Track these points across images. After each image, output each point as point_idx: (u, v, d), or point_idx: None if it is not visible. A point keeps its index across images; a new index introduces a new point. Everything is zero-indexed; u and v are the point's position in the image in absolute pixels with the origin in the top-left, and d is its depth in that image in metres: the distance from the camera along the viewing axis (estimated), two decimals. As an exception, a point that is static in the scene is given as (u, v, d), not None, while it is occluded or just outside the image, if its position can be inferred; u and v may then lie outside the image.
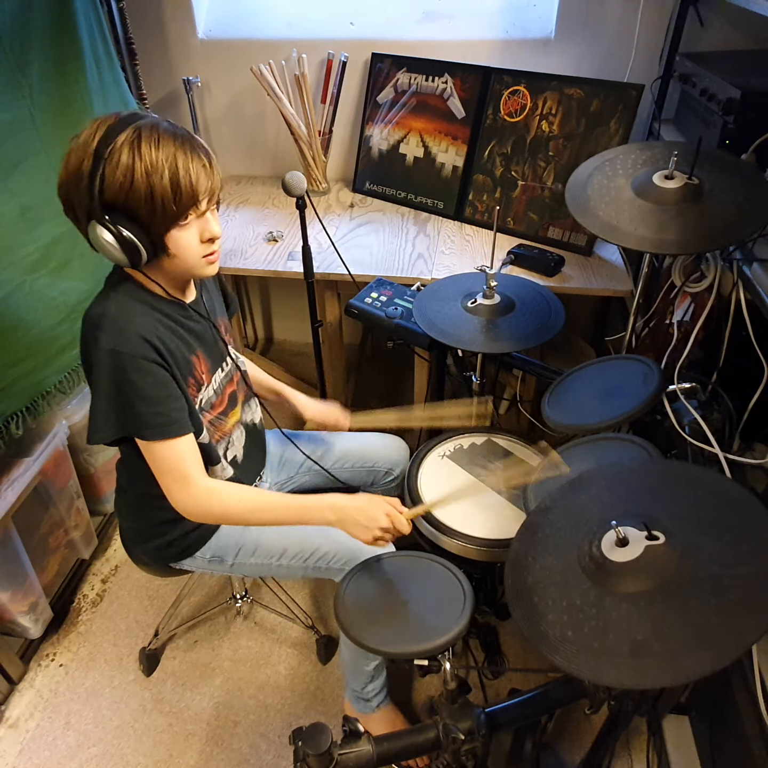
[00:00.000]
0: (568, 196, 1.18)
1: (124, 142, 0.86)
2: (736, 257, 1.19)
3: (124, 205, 0.88)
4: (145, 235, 0.91)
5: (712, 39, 1.71)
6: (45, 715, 1.50)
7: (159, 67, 2.03)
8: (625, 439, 1.08)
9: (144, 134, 0.87)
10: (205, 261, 0.99)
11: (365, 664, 1.32)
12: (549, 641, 0.71)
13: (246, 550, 1.22)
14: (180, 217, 0.91)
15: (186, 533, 1.19)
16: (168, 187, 0.87)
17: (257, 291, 2.56)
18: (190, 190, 0.89)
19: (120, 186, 0.86)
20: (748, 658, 0.97)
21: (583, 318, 2.18)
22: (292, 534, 1.23)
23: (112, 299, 0.97)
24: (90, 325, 0.96)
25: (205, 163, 0.91)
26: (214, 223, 0.96)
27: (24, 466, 1.41)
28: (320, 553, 1.21)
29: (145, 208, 0.88)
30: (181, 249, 0.95)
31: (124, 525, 1.25)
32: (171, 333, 1.02)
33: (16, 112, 1.32)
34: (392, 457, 1.45)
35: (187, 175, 0.88)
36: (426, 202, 1.97)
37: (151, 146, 0.86)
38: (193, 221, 0.94)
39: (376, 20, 1.97)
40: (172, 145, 0.88)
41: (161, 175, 0.86)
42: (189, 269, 0.99)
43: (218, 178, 0.95)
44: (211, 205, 0.96)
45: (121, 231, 0.89)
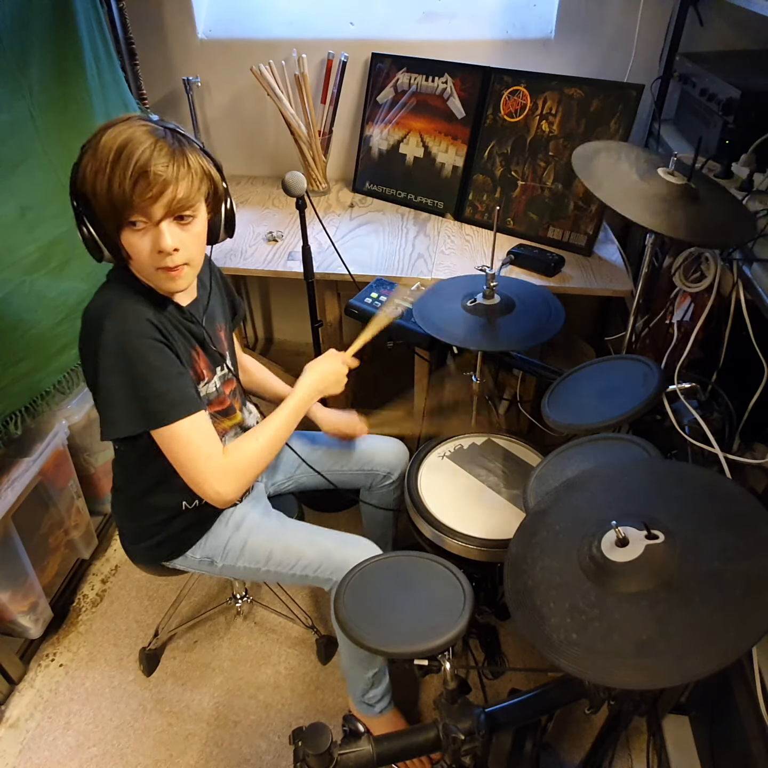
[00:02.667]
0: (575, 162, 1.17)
1: (99, 139, 0.88)
2: (736, 257, 1.19)
3: (85, 200, 0.90)
4: (101, 232, 0.92)
5: (712, 39, 1.71)
6: (45, 715, 1.50)
7: (159, 67, 2.03)
8: (625, 439, 1.08)
9: (111, 134, 0.87)
10: (162, 273, 0.95)
11: (363, 671, 1.32)
12: (553, 645, 0.71)
13: (233, 553, 1.22)
14: (120, 220, 0.90)
15: (176, 533, 1.19)
16: (104, 191, 0.87)
17: (257, 291, 2.56)
18: (121, 200, 0.87)
19: (81, 180, 0.89)
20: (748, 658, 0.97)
21: (583, 318, 2.18)
22: (279, 540, 1.23)
23: (113, 290, 0.98)
24: (93, 315, 0.96)
25: (161, 168, 0.87)
26: (165, 236, 0.91)
27: (24, 466, 1.41)
28: (305, 561, 1.20)
29: (95, 205, 0.89)
30: (135, 254, 0.94)
31: (121, 524, 1.26)
32: (171, 325, 1.02)
33: (16, 112, 1.32)
34: (391, 460, 1.45)
35: (124, 180, 0.86)
36: (426, 202, 1.97)
37: (105, 147, 0.87)
38: (149, 228, 0.91)
39: (376, 20, 1.97)
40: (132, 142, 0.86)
41: (103, 177, 0.87)
42: (147, 277, 0.98)
43: (185, 191, 0.90)
44: (168, 214, 0.90)
45: (85, 224, 0.92)
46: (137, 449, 1.07)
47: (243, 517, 1.25)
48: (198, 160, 0.93)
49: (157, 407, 0.95)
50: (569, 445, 1.15)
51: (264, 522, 1.26)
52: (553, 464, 1.13)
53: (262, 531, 1.24)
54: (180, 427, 0.97)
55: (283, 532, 1.25)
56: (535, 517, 0.87)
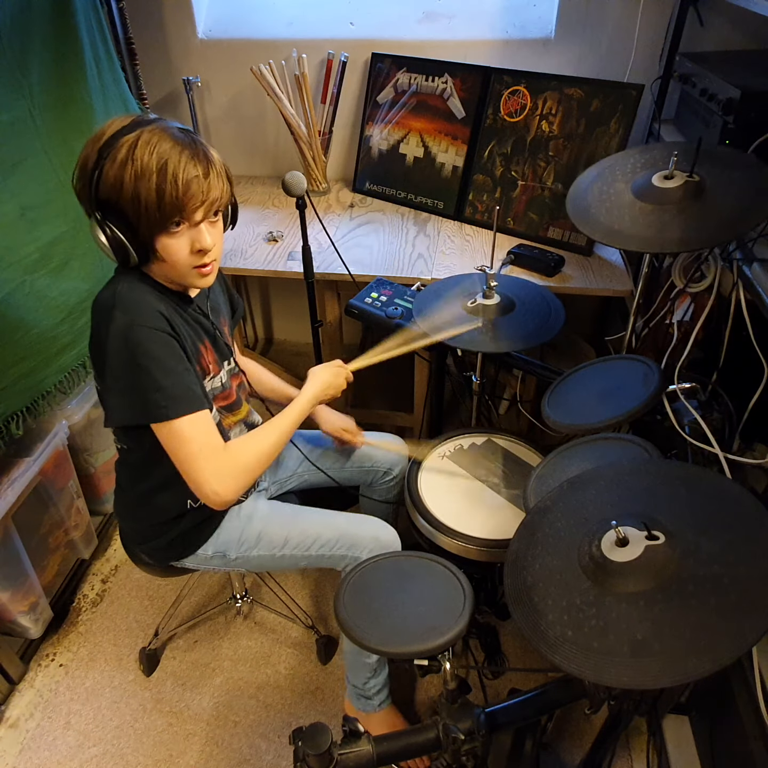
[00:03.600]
0: (569, 207, 1.18)
1: (124, 144, 0.87)
2: (736, 257, 1.19)
3: (115, 205, 0.90)
4: (133, 237, 0.92)
5: (712, 39, 1.71)
6: (45, 715, 1.50)
7: (159, 67, 2.03)
8: (625, 439, 1.08)
9: (143, 138, 0.88)
10: (196, 272, 0.98)
11: (367, 656, 1.32)
12: (549, 641, 0.71)
13: (248, 543, 1.22)
14: (166, 224, 0.91)
15: (186, 531, 1.19)
16: (153, 194, 0.88)
17: (257, 291, 2.56)
18: (175, 200, 0.89)
19: (111, 186, 0.88)
20: (748, 658, 0.97)
21: (583, 318, 2.18)
22: (294, 525, 1.24)
23: (122, 282, 0.97)
24: (102, 306, 0.96)
25: (200, 174, 0.90)
26: (206, 235, 0.95)
27: (24, 466, 1.41)
28: (322, 540, 1.21)
29: (131, 211, 0.89)
30: (170, 256, 0.95)
31: (124, 525, 1.25)
32: (180, 318, 1.02)
33: (16, 112, 1.32)
34: (392, 457, 1.45)
35: (175, 183, 0.88)
36: (426, 202, 1.97)
37: (145, 151, 0.87)
38: (186, 230, 0.94)
39: (376, 20, 1.97)
40: (168, 151, 0.88)
41: (148, 181, 0.87)
42: (179, 277, 0.99)
43: (218, 190, 0.94)
44: (208, 216, 0.94)
45: (112, 230, 0.90)
46: (143, 448, 1.07)
47: (254, 509, 1.26)
48: (219, 160, 0.96)
49: (159, 401, 0.95)
50: (569, 445, 1.15)
51: (276, 510, 1.28)
52: (553, 464, 1.13)
53: (275, 518, 1.25)
54: (181, 423, 0.96)
55: (297, 516, 1.27)
56: (537, 515, 0.87)
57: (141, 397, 0.95)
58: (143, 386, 0.94)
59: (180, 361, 0.98)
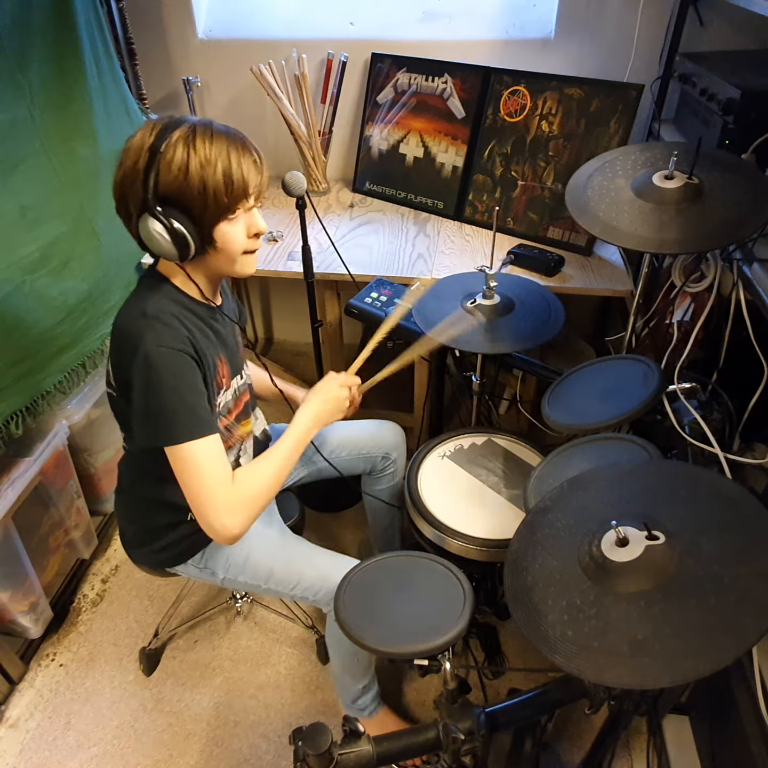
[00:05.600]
0: (568, 198, 1.19)
1: (179, 138, 0.89)
2: (736, 257, 1.19)
3: (177, 198, 0.91)
4: (194, 228, 0.93)
5: (712, 39, 1.71)
6: (45, 715, 1.50)
7: (159, 67, 2.02)
8: (625, 439, 1.08)
9: (198, 130, 0.91)
10: (246, 257, 1.01)
11: (353, 684, 1.33)
12: (549, 641, 0.71)
13: (235, 567, 1.21)
14: (230, 210, 0.94)
15: (180, 539, 1.18)
16: (221, 180, 0.90)
17: (257, 291, 2.56)
18: (242, 183, 0.92)
19: (175, 179, 0.89)
20: (748, 658, 0.97)
21: (583, 318, 2.18)
22: (280, 557, 1.23)
23: (148, 300, 0.97)
24: (130, 325, 0.95)
25: (256, 159, 0.95)
26: (260, 219, 1.00)
27: (24, 466, 1.41)
28: (305, 584, 1.20)
29: (198, 200, 0.91)
30: (228, 243, 0.97)
31: (123, 526, 1.25)
32: (202, 335, 1.02)
33: (16, 112, 1.32)
34: (388, 441, 1.47)
35: (239, 168, 0.91)
36: (426, 202, 1.97)
37: (205, 141, 0.90)
38: (241, 216, 0.97)
39: (376, 20, 1.97)
40: (225, 140, 0.92)
41: (215, 168, 0.90)
42: (230, 266, 1.01)
43: (266, 176, 0.98)
44: (258, 201, 0.99)
45: (173, 223, 0.91)
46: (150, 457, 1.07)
47: None
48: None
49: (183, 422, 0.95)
50: (569, 445, 1.15)
51: (266, 534, 1.26)
52: (553, 464, 1.13)
53: (263, 544, 1.23)
54: (196, 446, 0.95)
55: (284, 547, 1.25)
56: (537, 515, 0.87)
57: (165, 419, 0.94)
58: (170, 407, 0.94)
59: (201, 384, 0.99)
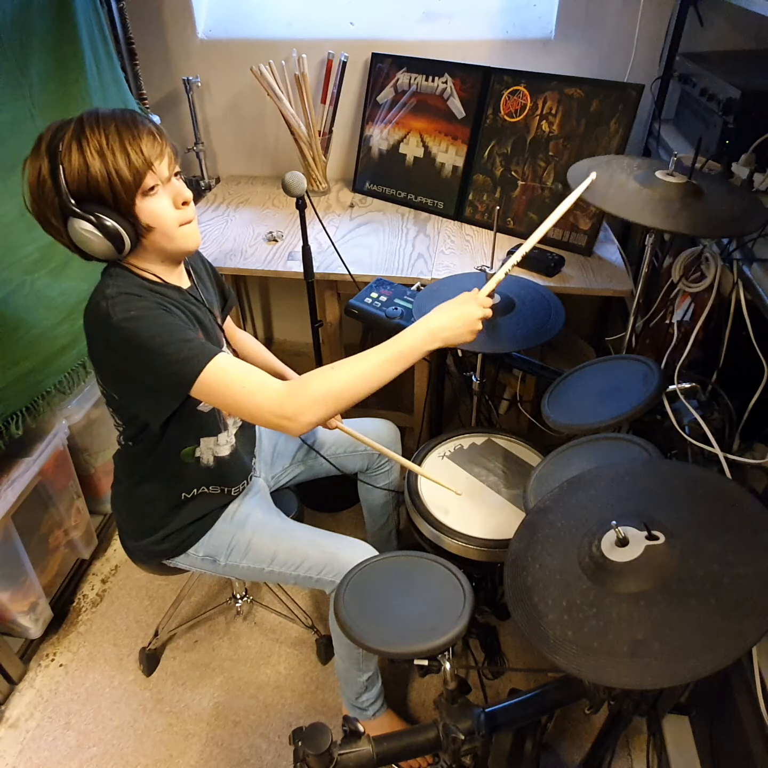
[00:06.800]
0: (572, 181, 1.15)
1: (71, 135, 0.89)
2: (736, 257, 1.19)
3: (88, 192, 0.90)
4: (117, 215, 0.92)
5: (712, 39, 1.71)
6: (45, 715, 1.50)
7: (159, 67, 2.03)
8: (625, 439, 1.08)
9: (85, 120, 0.90)
10: (186, 229, 0.99)
11: (358, 675, 1.32)
12: (549, 641, 0.71)
13: (237, 552, 1.22)
14: (140, 185, 0.92)
15: (181, 528, 1.19)
16: (120, 160, 0.89)
17: (257, 291, 2.56)
18: (141, 156, 0.91)
19: (78, 172, 0.89)
20: (748, 658, 0.97)
21: (583, 318, 2.18)
22: (284, 539, 1.23)
23: (111, 286, 0.96)
24: (96, 310, 0.94)
25: (151, 128, 0.93)
26: (184, 187, 0.98)
27: (24, 466, 1.41)
28: (309, 563, 1.20)
29: (107, 188, 0.90)
30: (158, 219, 0.95)
31: (121, 520, 1.25)
32: (175, 308, 1.02)
33: (16, 112, 1.32)
34: (383, 438, 1.47)
35: (135, 141, 0.90)
36: (426, 202, 1.97)
37: (93, 129, 0.89)
38: (161, 190, 0.95)
39: (376, 20, 1.97)
40: (112, 121, 0.90)
41: (112, 151, 0.89)
42: (170, 243, 0.99)
43: (169, 144, 0.96)
44: (172, 170, 0.97)
45: (98, 217, 0.91)
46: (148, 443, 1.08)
47: (247, 515, 1.25)
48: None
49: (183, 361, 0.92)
50: (569, 445, 1.15)
51: (268, 520, 1.27)
52: (553, 464, 1.13)
53: (266, 529, 1.24)
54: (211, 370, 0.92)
55: (287, 531, 1.25)
56: (537, 515, 0.87)
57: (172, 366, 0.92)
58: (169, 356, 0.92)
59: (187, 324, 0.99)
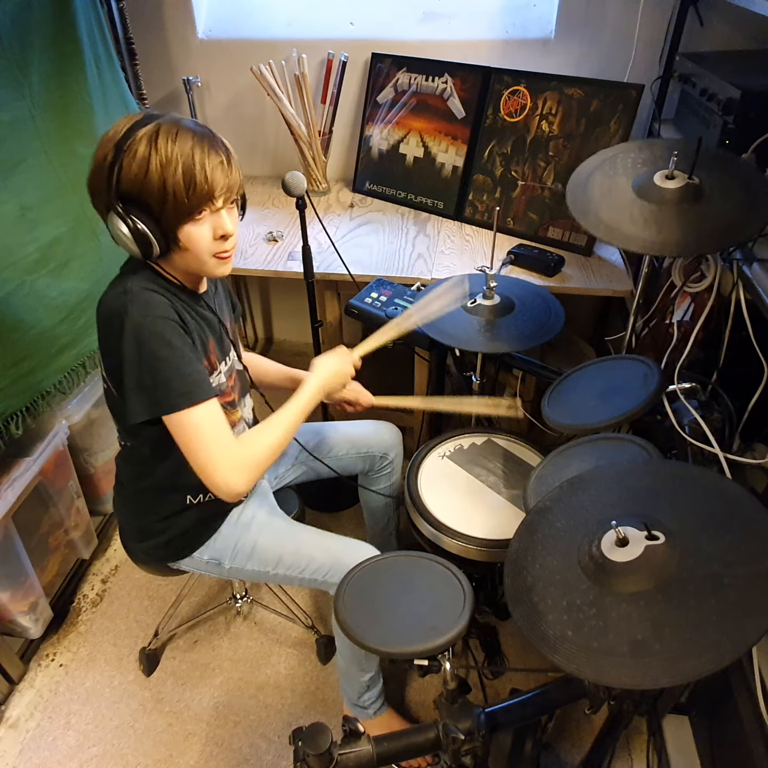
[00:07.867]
0: (569, 198, 1.18)
1: (143, 136, 0.88)
2: (736, 257, 1.19)
3: (138, 197, 0.90)
4: (157, 227, 0.92)
5: (712, 39, 1.70)
6: (45, 715, 1.50)
7: (159, 67, 2.03)
8: (625, 439, 1.08)
9: (163, 129, 0.89)
10: (216, 260, 0.99)
11: (360, 674, 1.32)
12: (549, 641, 0.71)
13: (243, 555, 1.22)
14: (193, 212, 0.92)
15: (185, 531, 1.19)
16: (181, 181, 0.89)
17: (257, 291, 2.56)
18: (205, 186, 0.91)
19: (135, 177, 0.89)
20: (748, 658, 0.97)
21: (583, 318, 2.17)
22: (289, 542, 1.23)
23: (131, 280, 0.97)
24: (113, 305, 0.95)
25: (223, 161, 0.92)
26: (227, 221, 0.97)
27: (24, 466, 1.41)
28: (315, 565, 1.20)
29: (157, 199, 0.90)
30: (193, 243, 0.95)
31: (123, 522, 1.25)
32: (188, 315, 1.02)
33: (16, 112, 1.32)
34: (386, 441, 1.47)
35: (203, 170, 0.90)
36: (426, 202, 1.97)
37: (168, 140, 0.88)
38: (207, 217, 0.95)
39: (376, 20, 1.97)
40: (190, 140, 0.89)
41: (175, 168, 0.88)
42: (200, 266, 1.00)
43: (237, 177, 0.96)
44: (227, 203, 0.96)
45: (135, 222, 0.90)
46: (147, 446, 1.08)
47: (252, 517, 1.25)
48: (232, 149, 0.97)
49: (180, 389, 0.94)
50: (569, 445, 1.15)
51: (273, 521, 1.27)
52: (553, 464, 1.13)
53: (271, 531, 1.24)
54: (197, 411, 0.96)
55: (292, 533, 1.26)
56: (537, 515, 0.87)
57: (162, 389, 0.94)
58: (164, 377, 0.94)
59: (194, 351, 0.99)
